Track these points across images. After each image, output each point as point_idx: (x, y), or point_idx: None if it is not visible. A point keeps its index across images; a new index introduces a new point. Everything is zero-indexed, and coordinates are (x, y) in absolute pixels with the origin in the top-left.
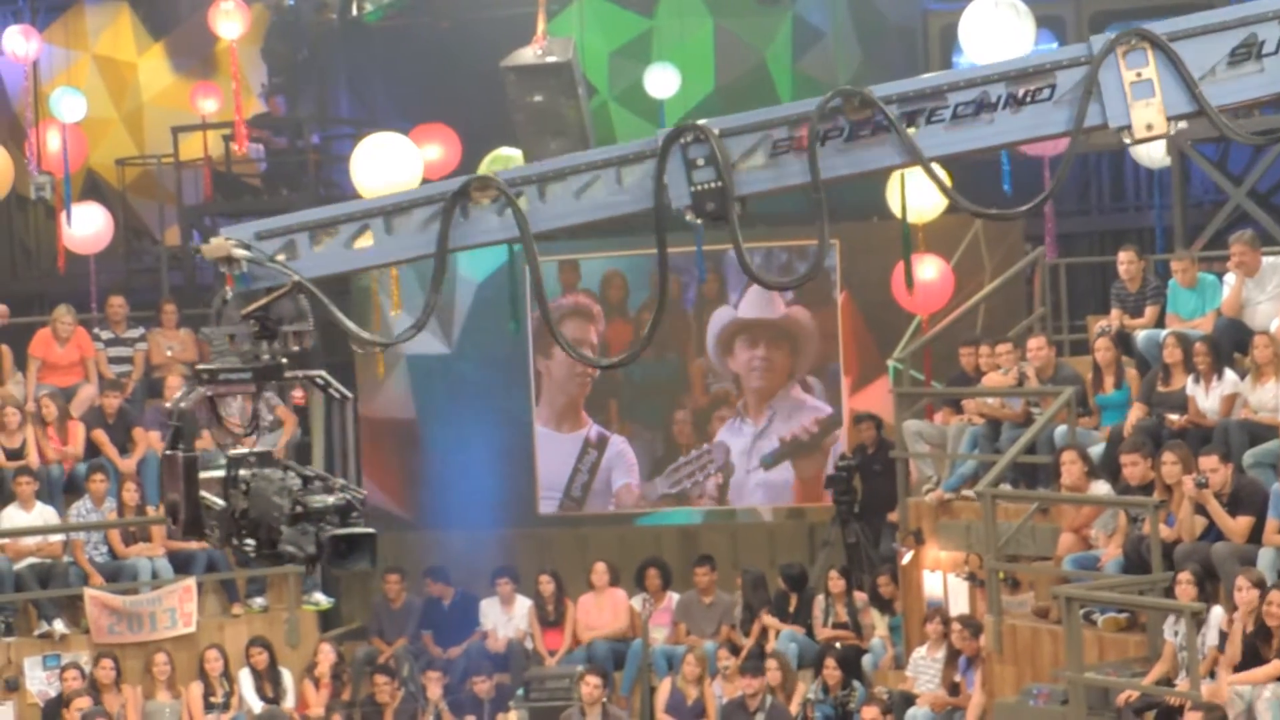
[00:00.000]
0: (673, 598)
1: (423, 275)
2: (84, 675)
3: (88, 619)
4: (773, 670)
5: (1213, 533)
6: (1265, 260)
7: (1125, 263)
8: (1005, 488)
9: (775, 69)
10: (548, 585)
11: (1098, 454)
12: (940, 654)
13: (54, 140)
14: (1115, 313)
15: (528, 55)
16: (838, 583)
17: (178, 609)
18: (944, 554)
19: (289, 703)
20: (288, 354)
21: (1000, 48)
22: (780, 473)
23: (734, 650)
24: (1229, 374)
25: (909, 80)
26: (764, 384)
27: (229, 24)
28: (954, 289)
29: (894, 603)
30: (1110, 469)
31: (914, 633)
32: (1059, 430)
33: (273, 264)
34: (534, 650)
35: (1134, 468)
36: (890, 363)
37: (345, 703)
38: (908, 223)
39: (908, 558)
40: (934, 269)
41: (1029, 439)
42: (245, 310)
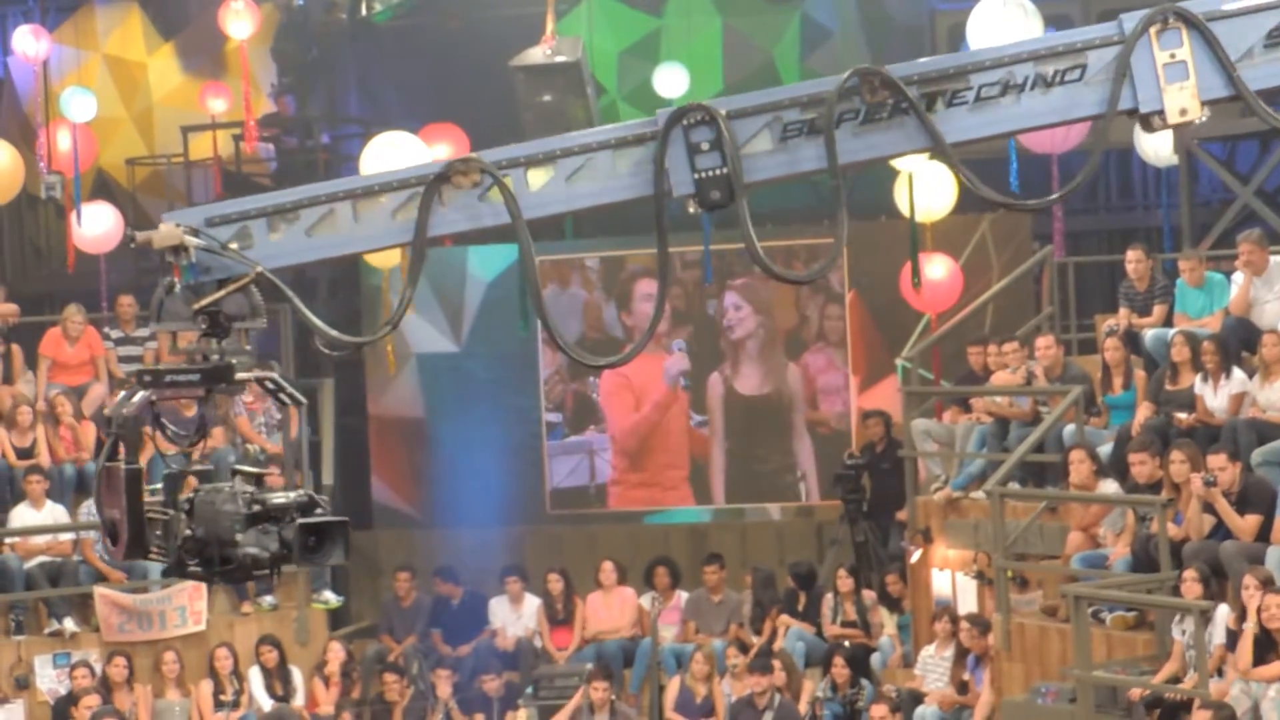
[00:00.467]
0: (681, 596)
1: (432, 274)
2: (94, 673)
3: (98, 617)
4: (777, 669)
5: (1221, 531)
6: (1273, 259)
7: (1133, 261)
8: (1014, 486)
9: (783, 67)
10: (556, 584)
11: (1106, 452)
12: (949, 652)
13: (64, 140)
14: (1123, 311)
15: (537, 55)
16: (846, 581)
17: (187, 607)
18: (952, 552)
19: (299, 701)
20: (240, 353)
21: None
22: None
23: (743, 648)
24: (1237, 373)
25: (930, 59)
26: None
27: (239, 24)
28: (962, 288)
29: (902, 601)
30: (1118, 467)
31: (922, 631)
32: (1067, 429)
33: (229, 253)
34: (543, 648)
35: (1142, 466)
36: (899, 362)
37: (355, 701)
38: (915, 221)
39: (916, 556)
40: (942, 268)
41: (1037, 438)
42: (198, 305)
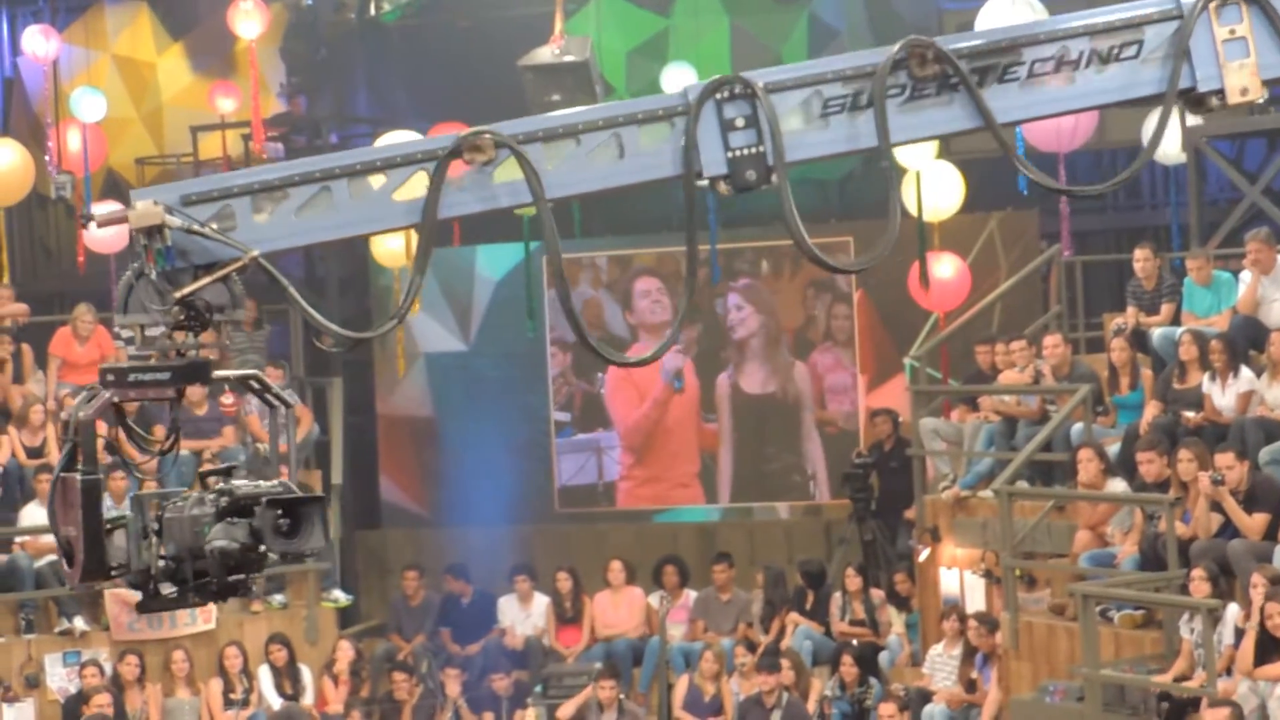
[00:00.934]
0: (690, 595)
1: (440, 273)
2: (103, 672)
3: (108, 616)
4: (786, 668)
5: (1229, 530)
6: None
7: (1141, 260)
8: (1022, 485)
9: None
10: (565, 582)
11: (1114, 451)
12: (957, 651)
13: (74, 140)
14: (1131, 310)
15: (545, 54)
16: (854, 580)
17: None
18: (960, 551)
19: (308, 699)
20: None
21: None
22: None
23: (751, 647)
24: (1245, 371)
25: (981, 32)
26: None
27: (248, 23)
28: (970, 287)
29: (911, 600)
30: (1126, 466)
31: (931, 630)
32: (1075, 428)
33: (215, 236)
34: (551, 647)
35: (1150, 465)
36: (907, 360)
37: (364, 699)
38: (923, 221)
39: (924, 555)
40: (950, 267)
41: (1045, 436)
42: (182, 292)
